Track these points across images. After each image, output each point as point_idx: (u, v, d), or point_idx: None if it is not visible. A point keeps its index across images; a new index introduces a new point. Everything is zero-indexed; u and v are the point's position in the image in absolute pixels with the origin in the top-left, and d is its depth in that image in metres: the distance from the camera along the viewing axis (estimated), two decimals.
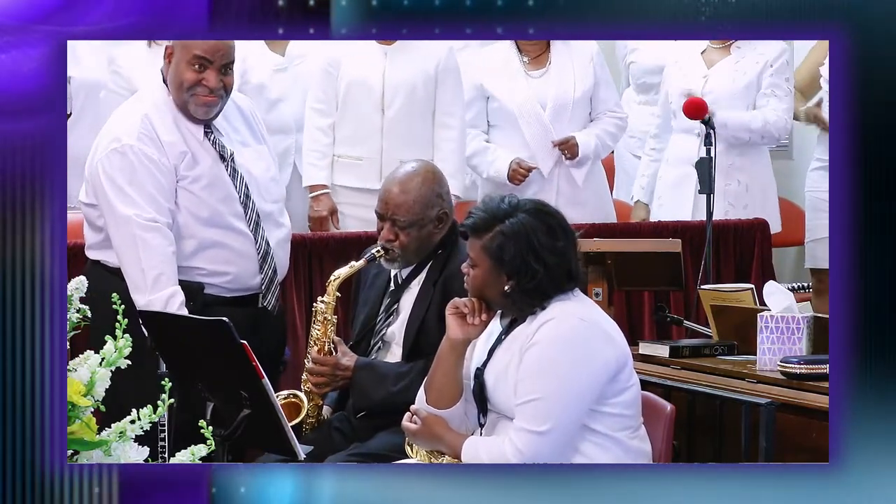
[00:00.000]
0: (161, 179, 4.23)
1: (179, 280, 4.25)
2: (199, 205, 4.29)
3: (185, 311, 4.13)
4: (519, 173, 5.79)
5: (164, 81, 4.33)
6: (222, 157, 4.33)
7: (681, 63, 6.12)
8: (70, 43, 5.17)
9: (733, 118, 5.92)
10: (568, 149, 5.85)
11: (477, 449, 3.45)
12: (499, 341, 3.53)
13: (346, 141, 5.79)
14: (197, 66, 4.23)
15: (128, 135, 4.24)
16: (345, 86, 5.74)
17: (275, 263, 4.40)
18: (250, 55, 5.80)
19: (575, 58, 5.91)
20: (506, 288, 3.45)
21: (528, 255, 3.42)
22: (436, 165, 4.21)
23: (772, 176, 6.23)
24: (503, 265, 3.44)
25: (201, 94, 4.25)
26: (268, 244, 4.38)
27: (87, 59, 5.42)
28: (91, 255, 4.38)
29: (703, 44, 6.12)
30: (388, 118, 5.75)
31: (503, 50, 5.92)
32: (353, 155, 5.79)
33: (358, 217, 5.74)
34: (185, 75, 4.25)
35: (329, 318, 4.11)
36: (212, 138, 4.33)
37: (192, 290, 4.25)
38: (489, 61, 5.93)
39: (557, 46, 5.92)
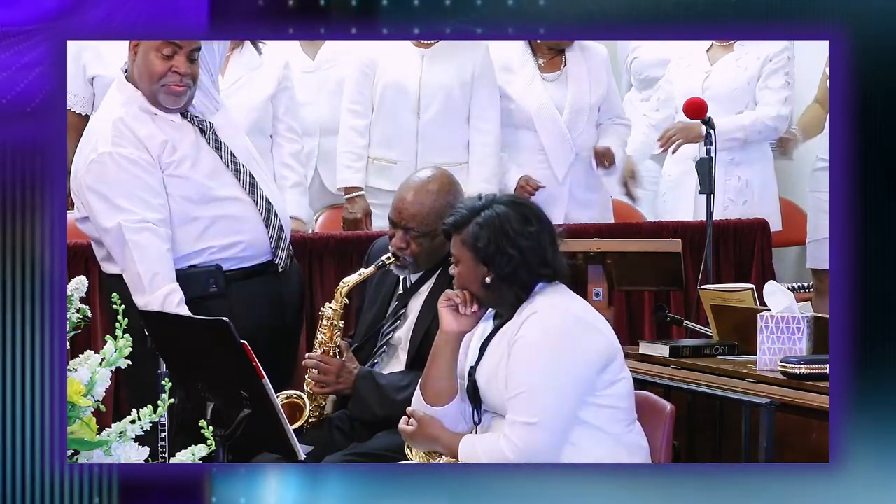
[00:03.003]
0: (145, 178, 4.20)
1: (196, 266, 4.25)
2: (189, 186, 4.26)
3: (184, 309, 4.12)
4: (526, 191, 5.80)
5: (127, 79, 4.30)
6: (202, 131, 4.31)
7: (686, 60, 6.14)
8: (94, 42, 5.19)
9: (724, 122, 5.91)
10: (608, 158, 5.87)
11: (474, 447, 3.45)
12: (489, 339, 3.55)
13: (380, 143, 5.77)
14: (166, 52, 4.21)
15: (103, 142, 4.20)
16: (381, 88, 5.72)
17: (279, 220, 4.38)
18: (289, 55, 5.79)
19: (589, 63, 5.91)
20: (486, 279, 3.48)
21: (502, 240, 3.46)
22: (451, 174, 4.17)
23: (773, 173, 6.24)
24: (479, 253, 3.47)
25: (171, 84, 4.22)
26: (269, 202, 4.36)
27: (111, 57, 5.40)
28: (105, 268, 4.35)
29: (709, 42, 6.14)
30: (423, 122, 5.73)
31: (518, 51, 5.91)
32: (387, 158, 5.77)
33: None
34: (153, 66, 4.22)
35: (336, 323, 4.10)
36: (189, 116, 4.31)
37: (212, 273, 4.25)
38: (505, 61, 5.92)
39: (573, 50, 5.93)
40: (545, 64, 5.93)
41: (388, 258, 4.04)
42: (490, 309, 3.60)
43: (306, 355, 4.13)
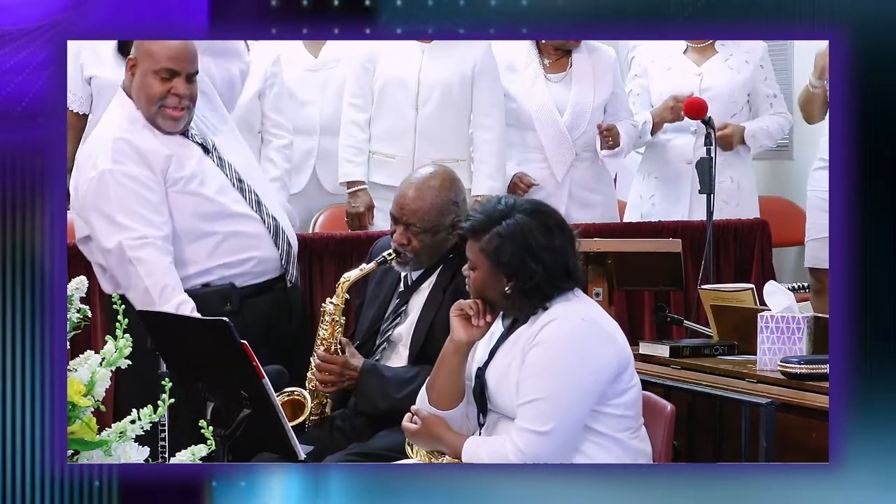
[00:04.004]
0: (146, 195, 4.19)
1: (209, 285, 4.26)
2: (199, 203, 4.27)
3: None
4: (519, 187, 5.81)
5: (128, 94, 4.30)
6: (206, 150, 4.31)
7: (664, 63, 6.13)
8: (92, 42, 5.19)
9: (756, 128, 6.02)
10: (612, 136, 5.86)
11: (478, 449, 3.44)
12: (500, 342, 3.53)
13: (380, 138, 5.79)
14: (164, 74, 4.21)
15: (104, 159, 4.20)
16: (381, 82, 5.74)
17: (287, 236, 4.39)
18: (284, 53, 5.79)
19: (595, 64, 5.91)
20: (506, 289, 3.45)
21: (526, 255, 3.42)
22: (453, 171, 4.18)
23: (753, 175, 6.27)
24: (501, 266, 3.44)
25: (170, 106, 4.22)
26: (275, 220, 4.37)
27: (108, 57, 5.41)
28: (107, 289, 4.32)
29: (683, 44, 6.14)
30: (422, 116, 5.75)
31: (524, 51, 5.92)
32: (386, 152, 5.79)
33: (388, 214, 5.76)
34: (152, 88, 4.22)
35: (337, 319, 4.11)
36: (190, 134, 4.31)
37: (226, 293, 4.26)
38: (510, 61, 5.93)
39: (580, 51, 5.93)
40: (551, 64, 5.94)
41: (390, 254, 4.05)
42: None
43: (314, 352, 4.14)
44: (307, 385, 4.13)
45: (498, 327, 3.57)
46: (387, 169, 5.76)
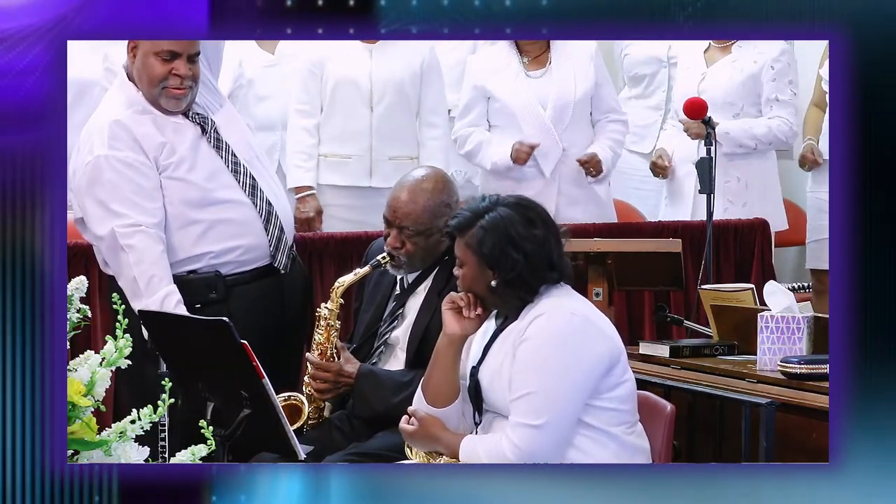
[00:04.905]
0: (139, 181, 4.18)
1: (195, 272, 4.25)
2: (187, 189, 4.24)
3: (182, 310, 4.12)
4: (522, 152, 5.80)
5: (129, 78, 4.28)
6: (203, 130, 4.29)
7: (686, 63, 6.16)
8: None
9: (735, 127, 5.95)
10: (593, 166, 5.87)
11: (475, 448, 3.45)
12: (492, 339, 3.54)
13: (333, 140, 5.86)
14: (165, 55, 4.20)
15: (100, 145, 4.19)
16: (332, 85, 5.81)
17: (280, 222, 4.36)
18: (244, 53, 5.82)
19: (575, 58, 5.92)
20: (491, 283, 3.47)
21: (507, 245, 3.44)
22: (446, 173, 4.19)
23: (775, 173, 6.25)
24: (484, 258, 3.46)
25: (172, 87, 4.21)
26: (269, 204, 4.33)
27: (77, 56, 5.41)
28: (106, 270, 4.33)
29: (706, 43, 6.15)
30: (376, 115, 5.83)
31: (503, 50, 5.95)
32: (341, 153, 5.86)
33: (345, 217, 5.81)
34: (153, 69, 4.21)
35: (332, 323, 4.09)
36: (190, 115, 4.28)
37: (211, 280, 4.24)
38: (490, 62, 5.96)
39: (557, 46, 5.94)
40: (530, 62, 5.96)
41: (384, 258, 4.04)
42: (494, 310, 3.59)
43: (306, 355, 4.13)
44: (304, 390, 4.12)
45: (491, 325, 3.58)
46: (342, 170, 5.85)
